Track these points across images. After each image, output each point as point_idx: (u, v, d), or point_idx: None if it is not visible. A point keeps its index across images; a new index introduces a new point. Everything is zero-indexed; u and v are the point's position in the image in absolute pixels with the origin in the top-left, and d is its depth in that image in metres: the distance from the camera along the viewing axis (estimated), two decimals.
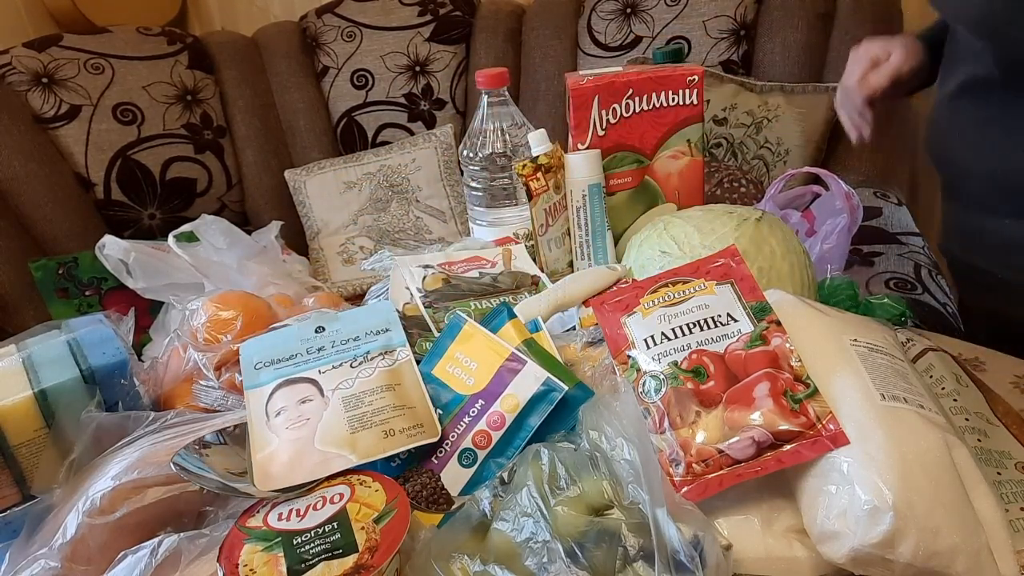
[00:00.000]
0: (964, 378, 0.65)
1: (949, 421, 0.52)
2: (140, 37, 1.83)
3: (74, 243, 1.68)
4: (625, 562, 0.45)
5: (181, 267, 1.26)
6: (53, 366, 0.63)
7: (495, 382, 0.59)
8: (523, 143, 0.89)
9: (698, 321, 0.58)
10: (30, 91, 1.68)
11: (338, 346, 0.63)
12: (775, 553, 0.50)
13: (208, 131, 1.86)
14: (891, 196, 1.61)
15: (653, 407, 0.54)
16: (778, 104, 1.66)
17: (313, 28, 1.97)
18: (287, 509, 0.50)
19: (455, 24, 1.95)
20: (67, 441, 0.60)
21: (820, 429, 0.50)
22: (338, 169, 1.88)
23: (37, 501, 0.58)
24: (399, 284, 0.79)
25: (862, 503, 0.45)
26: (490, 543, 0.48)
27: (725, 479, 0.50)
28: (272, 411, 0.58)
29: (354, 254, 1.86)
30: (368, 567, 0.44)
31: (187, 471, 0.52)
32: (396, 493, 0.51)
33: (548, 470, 0.50)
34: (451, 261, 0.80)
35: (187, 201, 1.83)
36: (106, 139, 1.73)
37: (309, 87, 1.97)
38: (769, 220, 0.73)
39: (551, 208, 0.82)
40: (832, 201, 0.88)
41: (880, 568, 0.46)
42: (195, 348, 0.72)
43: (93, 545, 0.52)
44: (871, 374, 0.53)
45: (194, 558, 0.50)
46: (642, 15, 1.81)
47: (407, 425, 0.57)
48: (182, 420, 0.61)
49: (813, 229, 0.89)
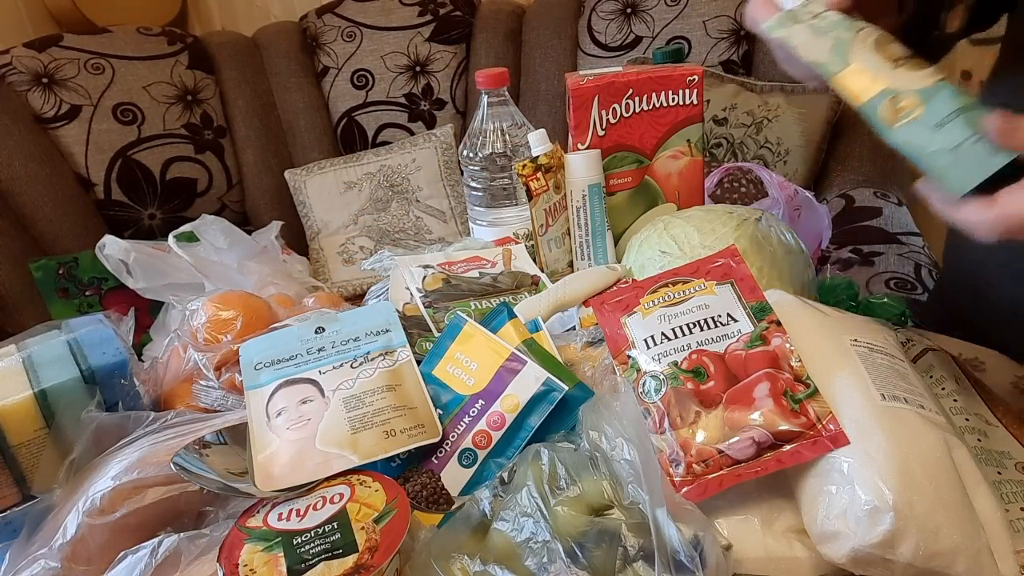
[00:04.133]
0: (964, 378, 0.65)
1: (949, 421, 0.52)
2: (140, 37, 1.83)
3: (74, 243, 1.68)
4: (625, 562, 0.45)
5: (181, 267, 1.27)
6: (53, 366, 0.63)
7: (495, 382, 0.59)
8: (523, 143, 0.90)
9: (698, 321, 0.58)
10: (30, 91, 1.68)
11: (338, 346, 0.63)
12: (775, 553, 0.50)
13: (208, 131, 1.86)
14: (891, 196, 1.61)
15: (653, 407, 0.54)
16: (778, 104, 1.66)
17: (313, 28, 1.97)
18: (287, 509, 0.50)
19: (455, 24, 1.95)
20: (67, 441, 0.60)
21: (820, 429, 0.50)
22: (338, 169, 1.88)
23: (37, 501, 0.58)
24: (399, 284, 0.79)
25: (862, 503, 0.45)
26: (490, 543, 0.48)
27: (725, 479, 0.50)
28: (273, 411, 0.58)
29: (354, 254, 1.87)
30: (368, 567, 0.44)
31: (187, 471, 0.52)
32: (396, 493, 0.51)
33: (548, 470, 0.50)
34: (451, 261, 0.80)
35: (187, 201, 1.83)
36: (106, 139, 1.73)
37: (309, 87, 1.98)
38: (769, 220, 0.73)
39: (551, 208, 0.82)
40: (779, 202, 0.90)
41: (880, 568, 0.46)
42: (195, 348, 0.72)
43: (93, 545, 0.52)
44: (871, 374, 0.53)
45: (194, 558, 0.50)
46: (642, 15, 1.81)
47: (408, 425, 0.57)
48: (182, 420, 0.61)
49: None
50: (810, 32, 0.55)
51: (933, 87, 0.50)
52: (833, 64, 0.54)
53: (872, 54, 0.52)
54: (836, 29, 0.54)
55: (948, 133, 0.49)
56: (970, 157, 0.49)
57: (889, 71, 0.52)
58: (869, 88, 0.52)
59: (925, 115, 0.50)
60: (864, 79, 0.52)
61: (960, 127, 0.49)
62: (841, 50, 0.53)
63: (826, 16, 0.54)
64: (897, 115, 0.51)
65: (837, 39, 0.54)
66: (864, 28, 0.53)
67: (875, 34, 0.53)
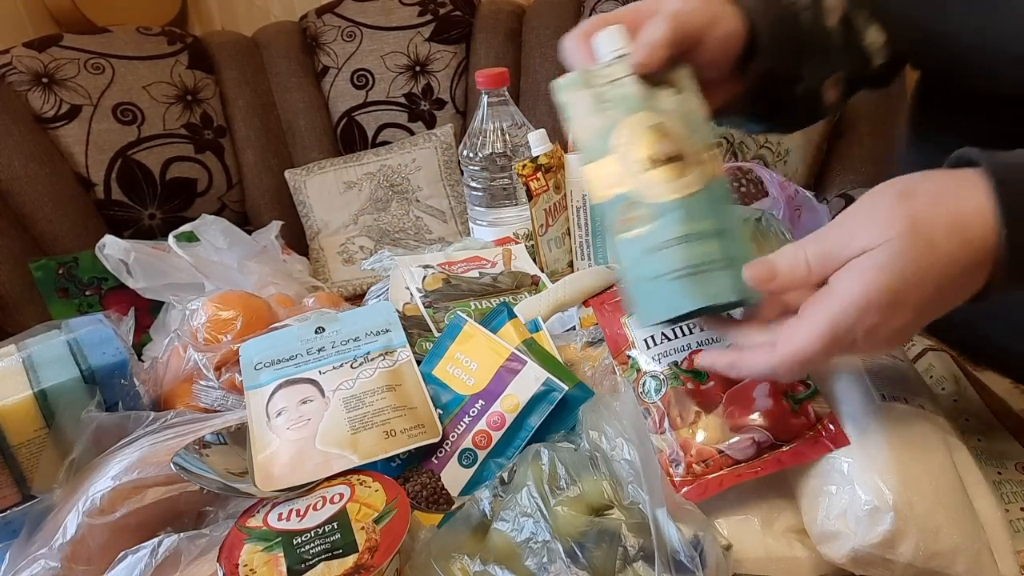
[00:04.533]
0: (964, 378, 0.65)
1: (949, 421, 0.52)
2: (140, 37, 1.83)
3: (74, 243, 1.68)
4: (625, 562, 0.45)
5: (181, 267, 1.27)
6: (53, 366, 0.63)
7: (495, 382, 0.59)
8: (523, 143, 0.89)
9: (698, 321, 0.58)
10: (30, 91, 1.68)
11: (338, 347, 0.63)
12: (775, 553, 0.50)
13: (208, 131, 1.86)
14: None
15: (653, 407, 0.54)
16: None
17: (313, 28, 1.97)
18: (287, 509, 0.50)
19: (455, 24, 1.95)
20: (67, 441, 0.60)
21: (820, 429, 0.50)
22: (338, 169, 1.88)
23: (37, 501, 0.58)
24: (399, 284, 0.79)
25: (862, 503, 0.45)
26: (490, 543, 0.48)
27: (725, 479, 0.50)
28: (273, 411, 0.58)
29: (354, 254, 1.86)
30: (368, 567, 0.44)
31: (187, 471, 0.52)
32: (396, 493, 0.51)
33: (548, 470, 0.50)
34: (451, 261, 0.80)
35: (187, 201, 1.83)
36: (106, 139, 1.73)
37: (309, 87, 1.97)
38: (769, 220, 0.73)
39: (551, 208, 0.82)
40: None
41: (880, 568, 0.46)
42: (195, 348, 0.72)
43: (93, 545, 0.52)
44: (871, 374, 0.53)
45: (194, 558, 0.50)
46: None
47: (408, 425, 0.57)
48: (182, 420, 0.61)
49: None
50: (591, 104, 0.48)
51: (670, 203, 0.45)
52: (593, 150, 0.48)
53: (634, 147, 0.47)
54: (618, 106, 0.48)
55: (658, 260, 0.45)
56: (664, 293, 0.45)
57: (638, 173, 0.46)
58: (612, 187, 0.47)
59: (647, 234, 0.46)
60: (611, 176, 0.47)
61: (671, 257, 0.45)
62: (606, 135, 0.47)
63: (622, 84, 0.48)
64: (624, 225, 0.47)
65: (609, 121, 0.48)
66: (645, 112, 0.47)
67: (653, 120, 0.47)
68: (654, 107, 0.47)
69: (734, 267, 0.45)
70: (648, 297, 0.47)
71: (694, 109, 0.49)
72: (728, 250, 0.46)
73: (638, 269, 0.47)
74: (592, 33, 0.50)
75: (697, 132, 0.48)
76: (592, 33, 0.50)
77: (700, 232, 0.45)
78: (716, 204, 0.46)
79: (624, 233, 0.47)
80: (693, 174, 0.46)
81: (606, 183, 0.47)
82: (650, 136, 0.46)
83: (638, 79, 0.48)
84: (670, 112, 0.48)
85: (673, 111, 0.48)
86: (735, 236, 0.47)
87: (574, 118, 0.49)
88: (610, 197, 0.47)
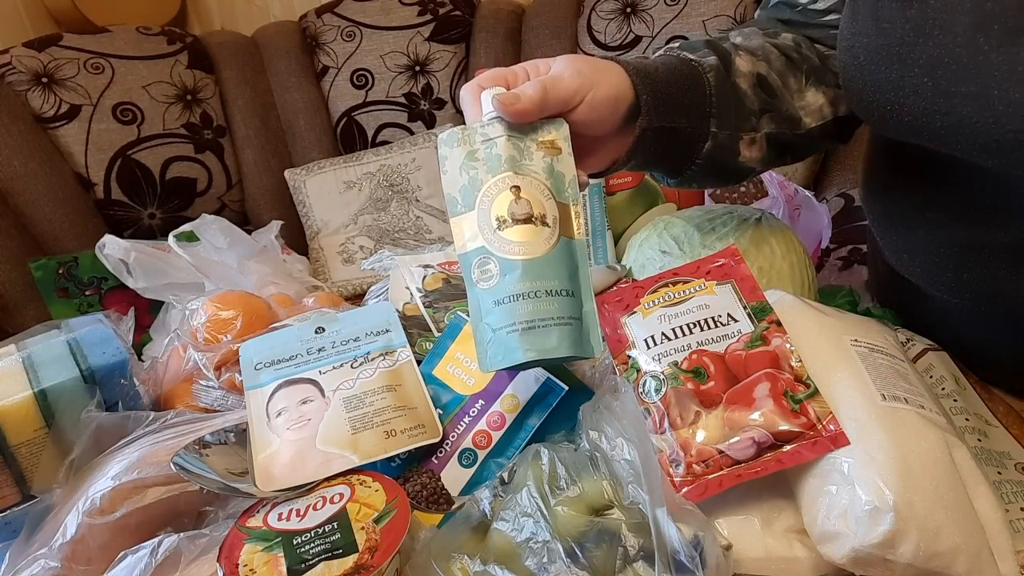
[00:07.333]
0: (964, 378, 0.65)
1: (949, 421, 0.52)
2: (140, 37, 1.83)
3: (74, 243, 1.68)
4: (625, 562, 0.45)
5: (181, 267, 1.26)
6: (53, 366, 0.63)
7: (495, 382, 0.59)
8: None
9: (698, 321, 0.58)
10: (30, 91, 1.68)
11: (338, 347, 0.63)
12: (775, 553, 0.50)
13: (208, 131, 1.86)
14: None
15: (653, 407, 0.54)
16: None
17: (313, 28, 1.97)
18: (287, 509, 0.50)
19: (455, 24, 1.95)
20: (67, 441, 0.60)
21: (820, 430, 0.50)
22: (338, 169, 1.88)
23: (37, 501, 0.58)
24: (399, 284, 0.79)
25: (863, 503, 0.45)
26: (490, 543, 0.48)
27: (725, 479, 0.50)
28: (273, 412, 0.58)
29: (354, 254, 1.86)
30: (368, 567, 0.44)
31: (187, 471, 0.52)
32: (396, 493, 0.51)
33: (548, 470, 0.50)
34: (451, 261, 0.80)
35: (187, 201, 1.83)
36: (106, 139, 1.73)
37: (309, 87, 1.97)
38: (769, 220, 0.73)
39: None
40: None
41: (881, 568, 0.46)
42: (195, 348, 0.72)
43: (93, 545, 0.52)
44: (871, 374, 0.53)
45: (194, 558, 0.49)
46: (642, 15, 1.81)
47: (408, 425, 0.57)
48: (182, 420, 0.61)
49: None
50: (464, 160, 0.53)
51: (514, 262, 0.50)
52: (459, 204, 0.53)
53: (493, 206, 0.52)
54: (485, 165, 0.53)
55: (502, 311, 0.50)
56: (505, 341, 0.50)
57: (491, 232, 0.51)
58: (472, 240, 0.52)
59: (495, 287, 0.51)
60: (472, 230, 0.52)
61: (512, 311, 0.50)
62: (470, 192, 0.53)
63: (494, 143, 0.53)
64: (479, 276, 0.52)
65: (475, 179, 0.53)
66: (507, 174, 0.52)
67: (513, 182, 0.52)
68: (518, 169, 0.52)
69: (571, 325, 0.50)
70: (494, 344, 0.51)
71: (562, 170, 0.54)
72: (567, 309, 0.51)
73: (488, 317, 0.51)
74: (484, 87, 0.55)
75: (561, 193, 0.53)
76: (484, 87, 0.55)
77: (540, 291, 0.50)
78: (562, 264, 0.51)
79: (477, 284, 0.52)
80: (542, 235, 0.51)
81: (468, 235, 0.53)
82: (507, 197, 0.52)
83: (510, 139, 0.53)
84: (534, 174, 0.53)
85: (538, 173, 0.53)
86: (579, 294, 0.52)
87: (447, 172, 0.54)
88: (469, 250, 0.52)
